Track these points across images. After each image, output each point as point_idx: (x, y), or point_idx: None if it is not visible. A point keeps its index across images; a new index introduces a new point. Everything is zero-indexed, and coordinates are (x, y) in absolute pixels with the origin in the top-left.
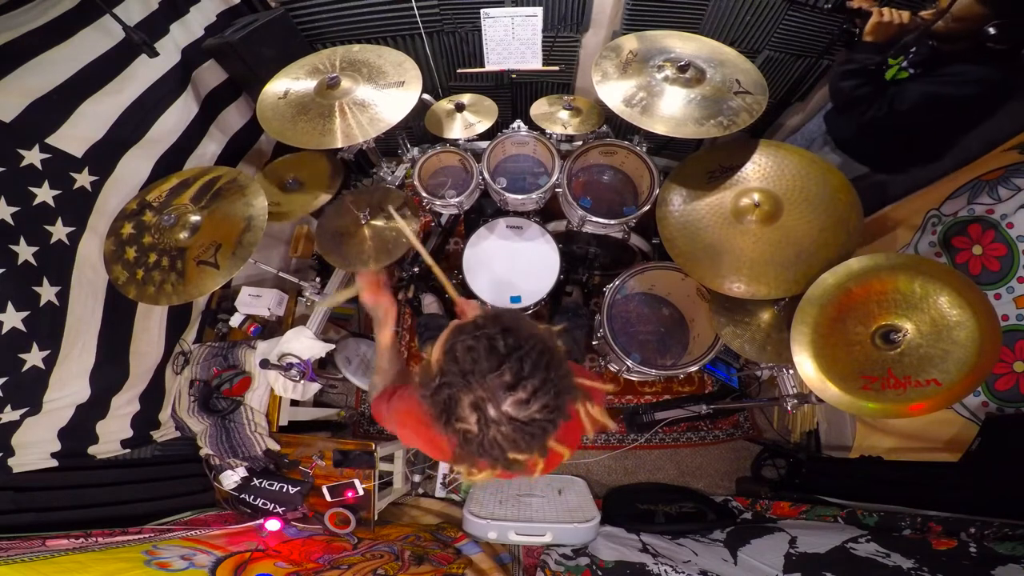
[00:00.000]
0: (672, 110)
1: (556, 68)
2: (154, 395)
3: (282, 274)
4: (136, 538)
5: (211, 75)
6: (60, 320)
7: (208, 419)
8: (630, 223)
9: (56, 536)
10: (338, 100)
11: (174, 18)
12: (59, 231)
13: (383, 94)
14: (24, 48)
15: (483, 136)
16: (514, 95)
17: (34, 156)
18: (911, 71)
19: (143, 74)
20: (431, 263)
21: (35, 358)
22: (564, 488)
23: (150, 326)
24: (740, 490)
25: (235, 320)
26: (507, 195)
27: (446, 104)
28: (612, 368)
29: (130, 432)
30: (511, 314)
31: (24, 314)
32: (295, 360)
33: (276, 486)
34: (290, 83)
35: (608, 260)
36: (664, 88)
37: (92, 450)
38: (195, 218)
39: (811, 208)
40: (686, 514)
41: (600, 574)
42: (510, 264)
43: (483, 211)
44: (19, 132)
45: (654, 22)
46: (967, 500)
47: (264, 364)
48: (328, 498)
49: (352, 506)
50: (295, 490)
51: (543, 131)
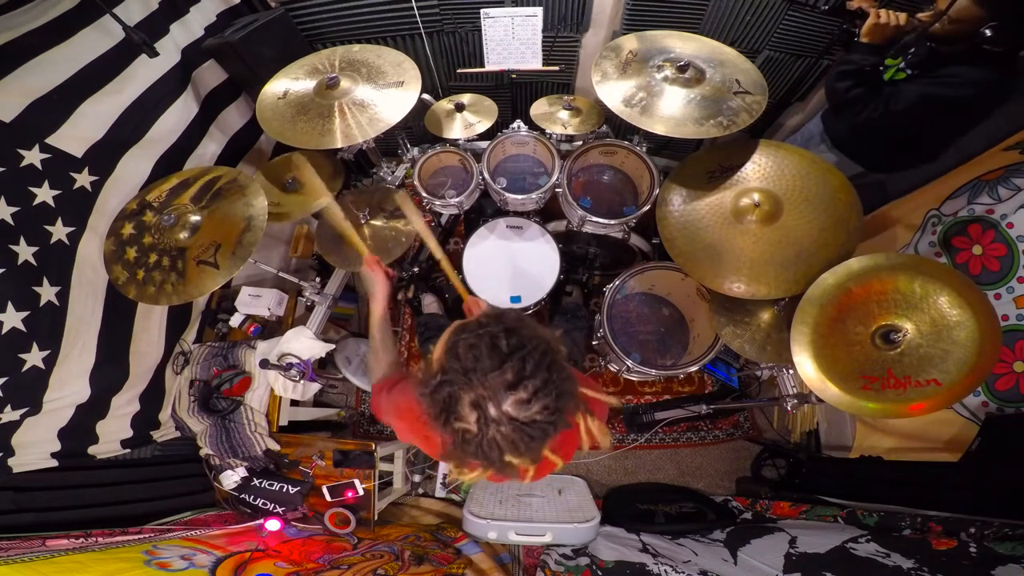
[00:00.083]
0: (672, 110)
1: (556, 68)
2: (154, 395)
3: (282, 274)
4: (136, 538)
5: (211, 75)
6: (60, 320)
7: (208, 419)
8: (630, 223)
9: (56, 536)
10: (337, 100)
11: (174, 18)
12: (59, 231)
13: (382, 94)
14: (24, 48)
15: (483, 136)
16: (514, 95)
17: (34, 156)
18: (908, 72)
19: (143, 74)
20: (441, 257)
21: (35, 358)
22: (564, 488)
23: (150, 326)
24: (740, 490)
25: (235, 320)
26: (507, 195)
27: (446, 104)
28: (612, 368)
29: (130, 432)
30: (514, 314)
31: (24, 314)
32: (295, 360)
33: (276, 486)
34: (290, 83)
35: (608, 260)
36: (664, 88)
37: (92, 450)
38: (195, 218)
39: (811, 208)
40: (686, 514)
41: (600, 574)
42: (510, 264)
43: (483, 211)
44: (19, 132)
45: (654, 22)
46: (967, 500)
47: (264, 364)
48: (328, 498)
49: (352, 506)
50: (295, 490)
51: (543, 131)
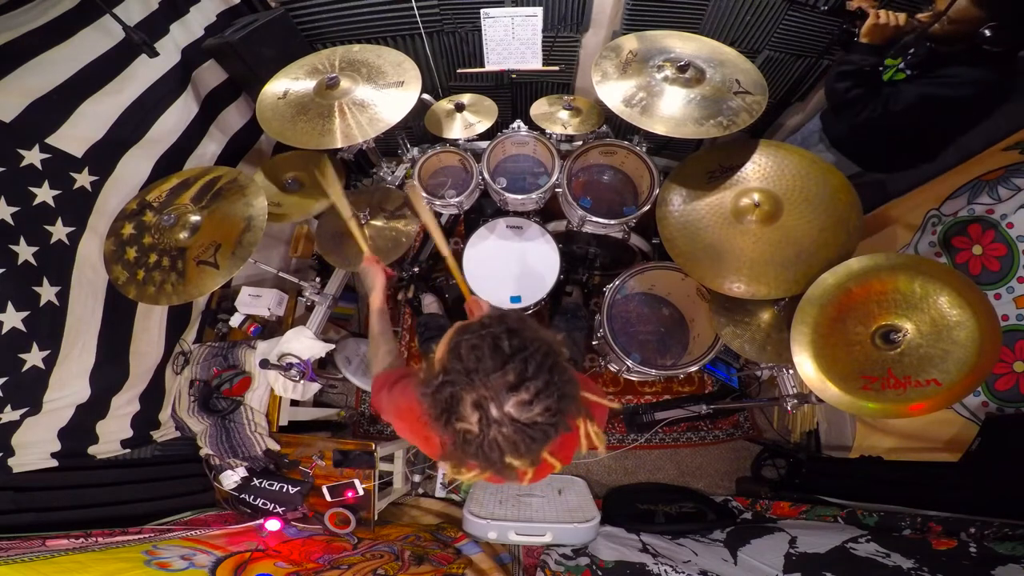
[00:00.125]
0: (672, 110)
1: (556, 68)
2: (154, 395)
3: (282, 274)
4: (136, 538)
5: (211, 75)
6: (60, 320)
7: (208, 419)
8: (630, 223)
9: (56, 536)
10: (337, 100)
11: (174, 18)
12: (59, 231)
13: (382, 94)
14: (24, 48)
15: (483, 136)
16: (514, 95)
17: (34, 156)
18: (908, 72)
19: (143, 74)
20: (448, 254)
21: (35, 358)
22: (564, 488)
23: (150, 326)
24: (740, 490)
25: (235, 320)
26: (507, 195)
27: (446, 104)
28: (612, 368)
29: (130, 432)
30: (516, 315)
31: (24, 314)
32: (295, 360)
33: (276, 486)
34: (290, 83)
35: (608, 260)
36: (664, 88)
37: (92, 450)
38: (195, 218)
39: (811, 208)
40: (686, 514)
41: (600, 574)
42: (510, 264)
43: (483, 211)
44: (19, 132)
45: (654, 22)
46: (967, 500)
47: (264, 364)
48: (328, 498)
49: (352, 506)
50: (295, 490)
51: (543, 131)
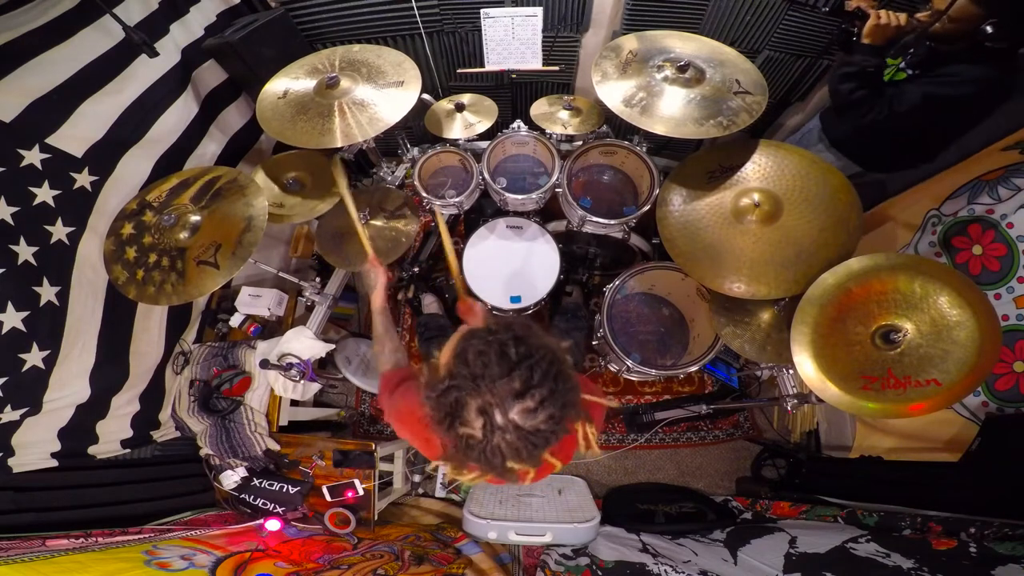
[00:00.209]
0: (672, 110)
1: (556, 68)
2: (154, 395)
3: (282, 274)
4: (136, 538)
5: (211, 75)
6: (60, 320)
7: (208, 419)
8: (630, 223)
9: (56, 536)
10: (337, 100)
11: (174, 18)
12: (59, 231)
13: (382, 94)
14: (24, 48)
15: (483, 136)
16: (514, 95)
17: (34, 156)
18: (908, 72)
19: (143, 74)
20: (450, 250)
21: (35, 358)
22: (564, 488)
23: (150, 326)
24: (740, 490)
25: (235, 320)
26: (507, 195)
27: (446, 104)
28: (612, 368)
29: (130, 432)
30: (523, 322)
31: (24, 314)
32: (295, 360)
33: (276, 486)
34: (290, 83)
35: (608, 260)
36: (664, 88)
37: (92, 450)
38: (195, 218)
39: (811, 208)
40: (686, 514)
41: (600, 574)
42: (510, 264)
43: (483, 211)
44: (19, 132)
45: (654, 22)
46: (967, 500)
47: (264, 364)
48: (328, 498)
49: (352, 506)
50: (295, 490)
51: (543, 131)
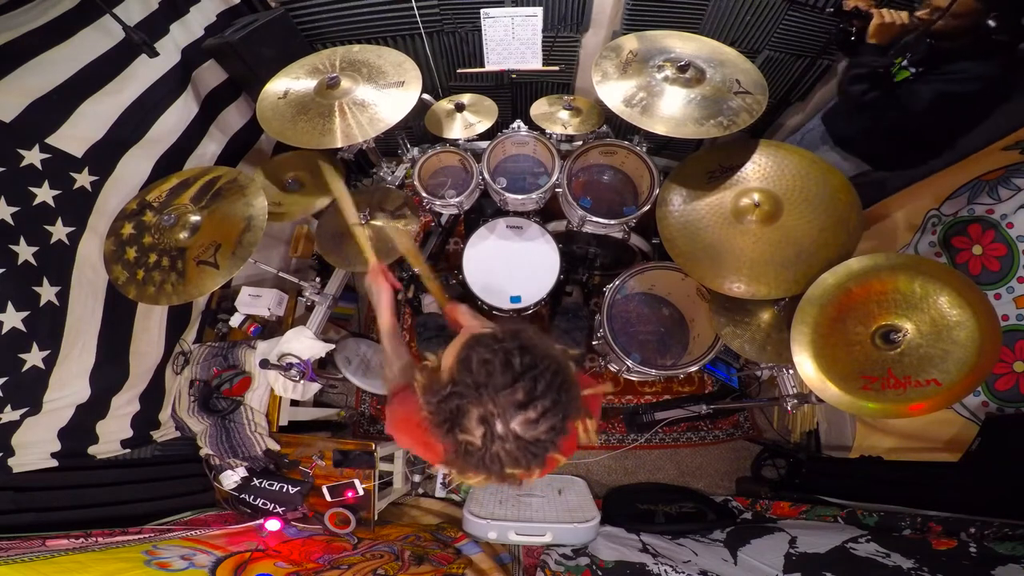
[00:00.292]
0: (672, 110)
1: (556, 68)
2: (154, 395)
3: (282, 274)
4: (136, 538)
5: (211, 75)
6: (60, 320)
7: (208, 419)
8: (630, 223)
9: (56, 536)
10: (338, 100)
11: (174, 18)
12: (59, 231)
13: (383, 94)
14: (24, 48)
15: (483, 136)
16: (514, 95)
17: (34, 156)
18: (912, 70)
19: (143, 74)
20: (423, 269)
21: (35, 358)
22: (564, 488)
23: (150, 326)
24: (740, 490)
25: (235, 320)
26: (507, 195)
27: (446, 104)
28: (612, 368)
29: (130, 432)
30: (529, 331)
31: (24, 314)
32: (295, 360)
33: (276, 486)
34: (290, 83)
35: (608, 260)
36: (664, 88)
37: (92, 450)
38: (195, 218)
39: (811, 208)
40: (686, 514)
41: (600, 574)
42: (510, 264)
43: (483, 211)
44: (19, 132)
45: (654, 22)
46: (967, 500)
47: (264, 364)
48: (328, 498)
49: (352, 506)
50: (295, 490)
51: (543, 131)
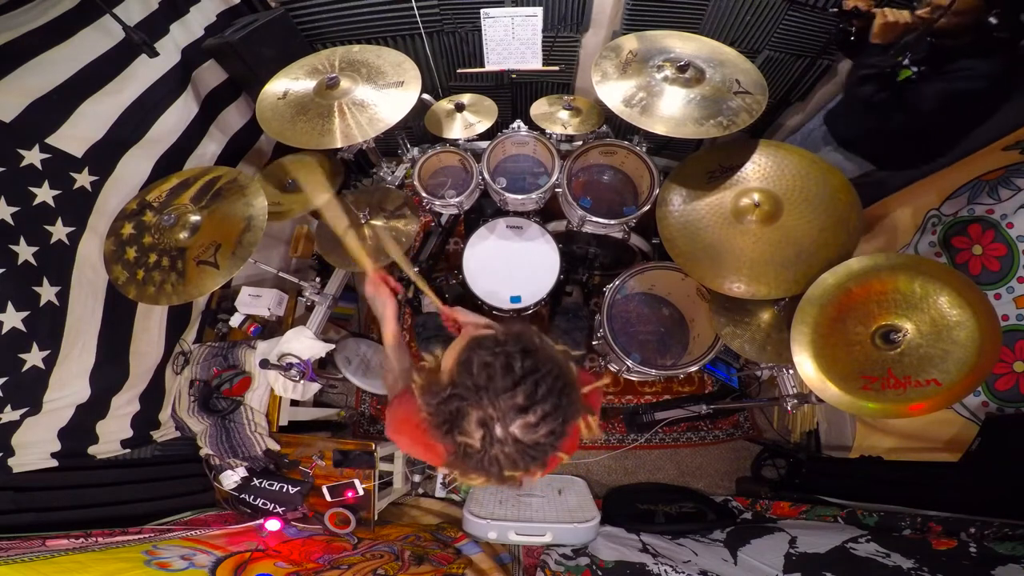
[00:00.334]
0: (672, 110)
1: (556, 68)
2: (154, 395)
3: (282, 274)
4: (136, 538)
5: (211, 75)
6: (60, 320)
7: (208, 419)
8: (630, 223)
9: (56, 536)
10: (337, 100)
11: (174, 18)
12: (59, 231)
13: (382, 94)
14: (24, 48)
15: (483, 136)
16: (514, 95)
17: (34, 156)
18: (914, 69)
19: (143, 74)
20: (411, 273)
21: (35, 358)
22: (564, 488)
23: (150, 326)
24: (740, 490)
25: (235, 320)
26: (507, 195)
27: (446, 104)
28: (612, 368)
29: (130, 432)
30: (531, 333)
31: (24, 314)
32: (295, 360)
33: (276, 486)
34: (290, 83)
35: (608, 260)
36: (664, 88)
37: (92, 450)
38: (195, 218)
39: (811, 208)
40: (686, 514)
41: (600, 574)
42: (510, 264)
43: (483, 211)
44: (19, 132)
45: (654, 22)
46: (967, 500)
47: (264, 364)
48: (328, 498)
49: (352, 506)
50: (295, 490)
51: (543, 131)
